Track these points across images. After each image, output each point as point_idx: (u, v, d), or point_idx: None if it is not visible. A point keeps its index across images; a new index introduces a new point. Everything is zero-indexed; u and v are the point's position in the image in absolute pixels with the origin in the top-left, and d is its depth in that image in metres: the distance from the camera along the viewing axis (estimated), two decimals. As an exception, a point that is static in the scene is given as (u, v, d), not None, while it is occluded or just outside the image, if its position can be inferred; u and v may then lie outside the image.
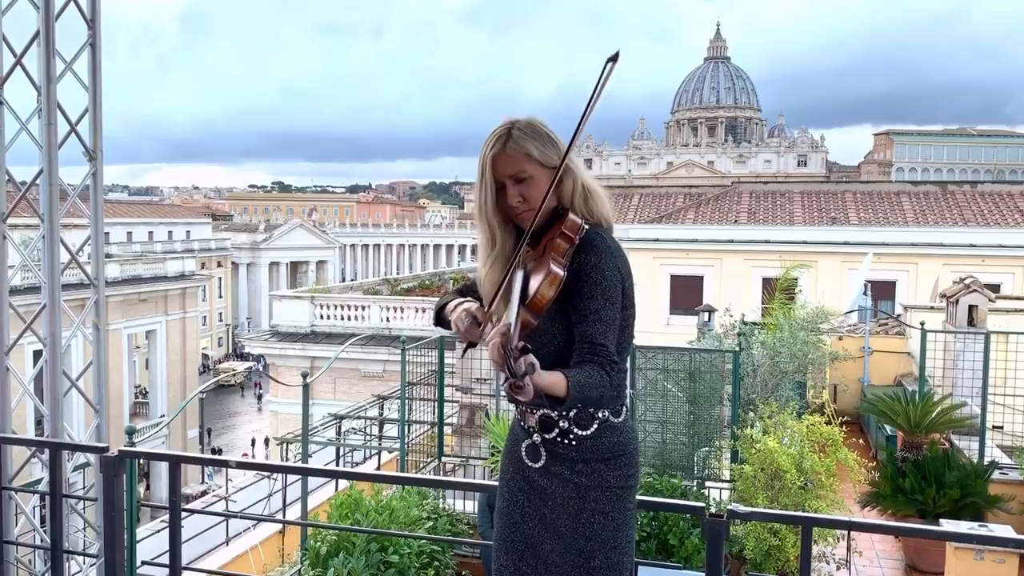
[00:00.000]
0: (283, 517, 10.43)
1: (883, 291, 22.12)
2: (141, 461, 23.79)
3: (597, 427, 2.41)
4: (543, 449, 2.44)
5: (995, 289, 17.33)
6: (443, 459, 9.22)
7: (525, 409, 2.48)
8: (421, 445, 9.49)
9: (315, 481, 10.15)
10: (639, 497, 2.63)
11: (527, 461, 2.47)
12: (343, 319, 25.10)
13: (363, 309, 25.23)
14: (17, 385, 5.36)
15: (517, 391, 2.01)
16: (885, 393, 9.33)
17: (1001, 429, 9.92)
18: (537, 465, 2.45)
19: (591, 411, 2.40)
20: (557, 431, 2.42)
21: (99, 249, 5.63)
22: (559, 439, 2.42)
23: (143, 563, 5.74)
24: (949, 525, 6.14)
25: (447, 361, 9.14)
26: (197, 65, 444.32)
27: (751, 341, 10.07)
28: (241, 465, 5.21)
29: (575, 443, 2.41)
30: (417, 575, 5.90)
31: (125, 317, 33.03)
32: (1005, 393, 9.71)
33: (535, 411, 2.44)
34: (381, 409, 14.45)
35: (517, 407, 2.53)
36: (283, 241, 75.56)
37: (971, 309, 11.36)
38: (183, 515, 4.54)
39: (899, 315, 16.45)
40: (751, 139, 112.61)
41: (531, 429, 2.46)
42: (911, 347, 13.88)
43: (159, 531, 9.87)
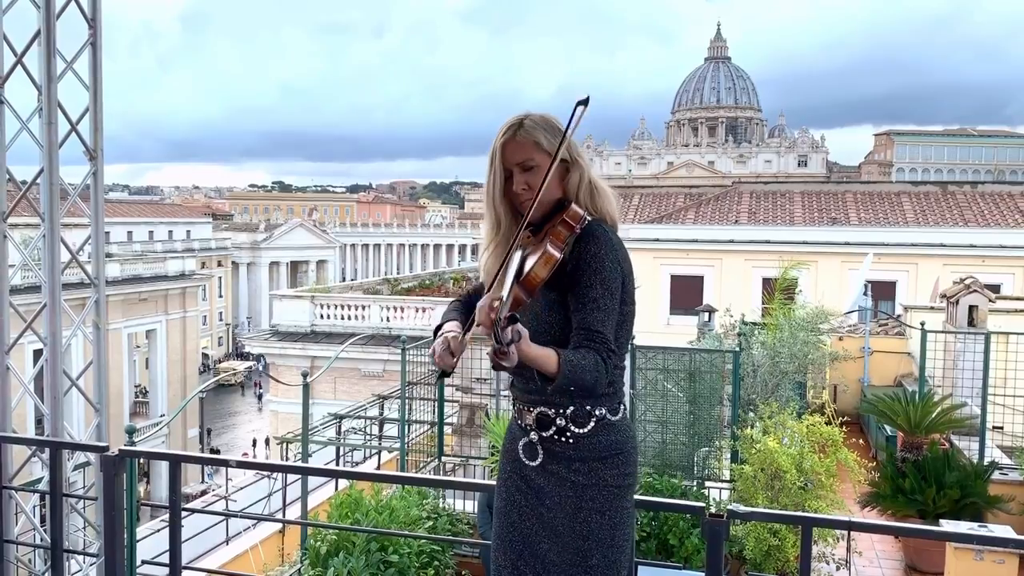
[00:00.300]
0: (283, 516, 10.42)
1: (883, 291, 22.12)
2: (141, 460, 23.82)
3: (594, 425, 2.40)
4: (540, 447, 2.44)
5: (995, 289, 17.31)
6: (443, 459, 9.22)
7: (522, 407, 2.48)
8: (421, 445, 9.48)
9: (315, 481, 10.14)
10: (639, 497, 2.63)
11: (524, 459, 2.47)
12: (343, 319, 25.12)
13: (363, 309, 25.25)
14: (17, 384, 5.36)
15: (501, 356, 2.04)
16: (885, 393, 9.33)
17: (1001, 429, 9.91)
18: (534, 463, 2.45)
19: (588, 408, 2.39)
20: (554, 429, 2.41)
21: (99, 248, 5.63)
22: (556, 437, 2.42)
23: (143, 562, 5.74)
24: (949, 525, 6.13)
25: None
26: (197, 65, 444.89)
27: (751, 341, 10.08)
28: (241, 464, 5.21)
29: (572, 441, 2.40)
30: (417, 575, 5.90)
31: (125, 316, 33.05)
32: (1005, 394, 9.71)
33: (532, 409, 2.44)
34: (381, 409, 14.45)
35: (514, 405, 2.54)
36: (283, 241, 75.56)
37: (971, 309, 11.35)
38: (183, 514, 4.54)
39: (899, 315, 16.45)
40: (751, 139, 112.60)
41: (528, 427, 2.46)
42: (911, 347, 13.88)
43: (159, 530, 9.87)
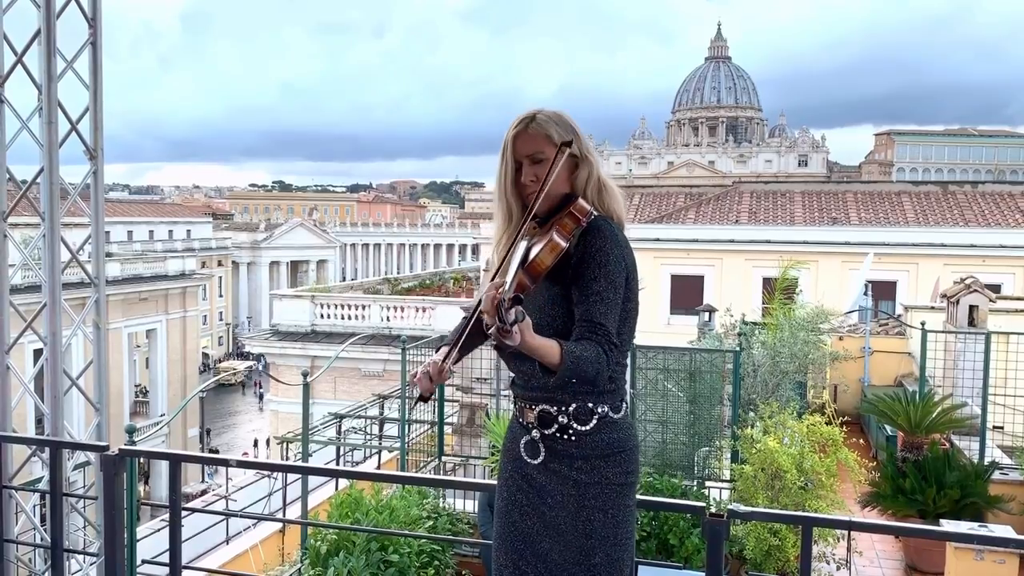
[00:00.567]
0: (283, 516, 10.42)
1: (884, 291, 22.11)
2: (141, 460, 23.81)
3: (597, 422, 2.40)
4: (542, 445, 2.44)
5: (996, 289, 17.31)
6: (443, 458, 9.22)
7: (524, 405, 2.48)
8: (421, 444, 9.48)
9: (315, 480, 10.14)
10: (639, 497, 2.62)
11: (526, 457, 2.46)
12: (343, 318, 25.10)
13: (363, 308, 25.23)
14: (17, 384, 5.36)
15: (505, 335, 2.05)
16: (885, 393, 9.33)
17: (1001, 429, 9.91)
18: (536, 461, 2.44)
19: (590, 406, 2.39)
20: (556, 426, 2.41)
21: (100, 248, 5.63)
22: (558, 435, 2.41)
23: (143, 562, 5.74)
24: (949, 525, 6.13)
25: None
26: (198, 64, 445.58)
27: (751, 341, 10.08)
28: (241, 464, 5.21)
29: (575, 439, 2.40)
30: (417, 574, 5.90)
31: (125, 316, 33.04)
32: (1005, 393, 9.70)
33: (534, 406, 2.44)
34: (381, 408, 14.45)
35: (515, 403, 2.53)
36: (283, 240, 75.55)
37: (972, 309, 11.35)
38: (183, 514, 4.54)
39: (899, 315, 16.44)
40: (752, 139, 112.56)
41: (530, 425, 2.46)
42: (911, 347, 13.88)
43: (159, 530, 9.86)
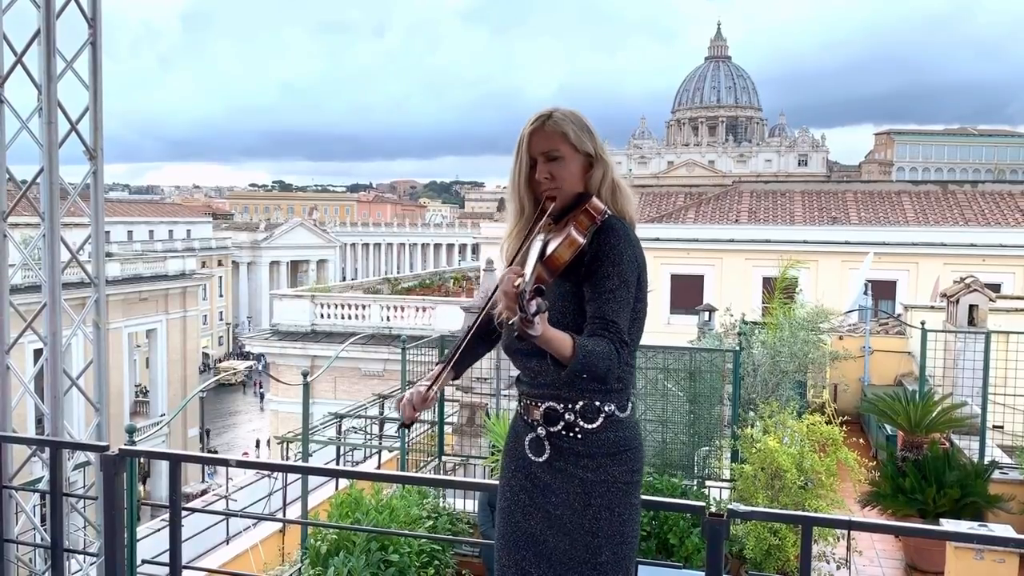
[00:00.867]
0: (283, 516, 10.42)
1: (883, 291, 22.10)
2: (141, 460, 23.81)
3: (603, 421, 2.40)
4: (547, 443, 2.43)
5: (995, 289, 17.31)
6: (443, 458, 9.23)
7: (530, 402, 2.48)
8: (421, 444, 9.48)
9: (315, 480, 10.15)
10: (639, 496, 2.63)
11: (530, 455, 2.46)
12: (343, 318, 25.11)
13: (363, 308, 25.25)
14: (17, 384, 5.36)
15: (528, 325, 2.05)
16: (885, 393, 9.32)
17: (1001, 429, 9.91)
18: (541, 459, 2.44)
19: (597, 404, 2.39)
20: (562, 424, 2.41)
21: (99, 248, 5.63)
22: (564, 433, 2.41)
23: (143, 562, 5.73)
24: (949, 525, 6.13)
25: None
26: (198, 64, 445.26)
27: (751, 341, 10.07)
28: (241, 464, 5.22)
29: (580, 437, 2.40)
30: (417, 574, 5.90)
31: (125, 316, 33.04)
32: (1005, 393, 9.71)
33: (540, 404, 2.44)
34: (381, 408, 14.45)
35: (520, 400, 2.53)
36: (284, 240, 75.54)
37: (971, 309, 11.35)
38: (183, 514, 4.54)
39: (899, 315, 16.44)
40: (752, 139, 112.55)
41: (535, 422, 2.46)
42: (911, 347, 13.88)
43: (159, 530, 9.86)
